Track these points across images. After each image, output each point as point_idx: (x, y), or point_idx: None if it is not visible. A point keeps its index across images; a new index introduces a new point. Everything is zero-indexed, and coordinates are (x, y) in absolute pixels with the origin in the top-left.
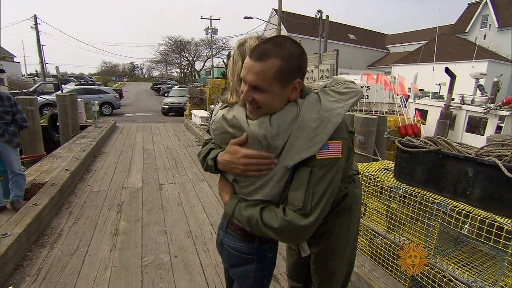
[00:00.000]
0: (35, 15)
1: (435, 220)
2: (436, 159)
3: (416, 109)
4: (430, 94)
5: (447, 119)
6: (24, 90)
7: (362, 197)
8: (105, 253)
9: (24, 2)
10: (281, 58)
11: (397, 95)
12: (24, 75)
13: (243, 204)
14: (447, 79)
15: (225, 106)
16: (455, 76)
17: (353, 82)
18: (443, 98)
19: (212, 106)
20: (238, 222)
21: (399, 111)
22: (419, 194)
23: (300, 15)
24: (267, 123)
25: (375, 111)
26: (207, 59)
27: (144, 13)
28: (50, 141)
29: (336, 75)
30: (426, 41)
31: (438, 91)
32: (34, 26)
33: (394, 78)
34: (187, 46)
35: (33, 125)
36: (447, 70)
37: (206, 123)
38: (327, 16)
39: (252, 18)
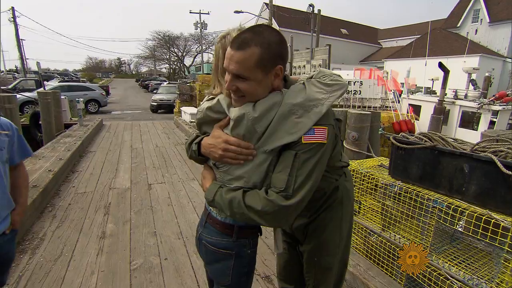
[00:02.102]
0: (12, 7)
1: (431, 218)
2: (431, 155)
3: (409, 104)
4: (423, 89)
5: (441, 115)
6: (2, 87)
7: (357, 194)
8: (91, 257)
9: None
10: (261, 46)
11: (390, 90)
12: (2, 71)
13: (225, 189)
14: (440, 74)
15: (211, 98)
16: (449, 71)
17: (339, 76)
18: (436, 93)
19: (202, 103)
20: (217, 211)
21: (392, 107)
22: (415, 191)
23: (292, 9)
24: (250, 106)
25: (368, 107)
26: (197, 54)
27: (131, 6)
28: (32, 141)
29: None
30: (418, 36)
31: (431, 86)
32: (12, 19)
33: (387, 73)
34: (176, 41)
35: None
36: (441, 65)
37: (196, 120)
38: (319, 10)
39: (242, 12)
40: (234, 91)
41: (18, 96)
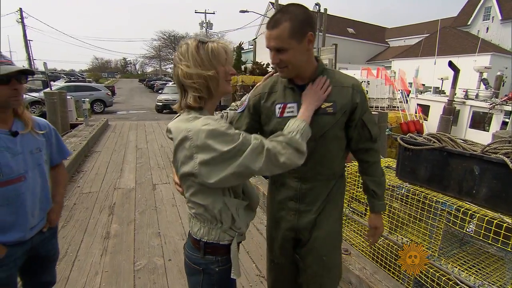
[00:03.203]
0: (20, 9)
1: (439, 221)
2: (440, 156)
3: (418, 104)
4: (432, 89)
5: (450, 115)
6: None
7: (363, 196)
8: (95, 257)
9: None
10: (290, 20)
11: (398, 90)
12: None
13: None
14: (449, 73)
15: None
16: (459, 70)
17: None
18: (445, 93)
19: None
20: (192, 224)
21: (400, 107)
22: (423, 194)
23: None
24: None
25: (375, 107)
26: None
27: (137, 6)
28: None
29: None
30: (427, 35)
31: (440, 86)
32: (20, 20)
33: (394, 72)
34: (181, 41)
35: None
36: (451, 64)
37: None
38: (325, 10)
39: (248, 11)
40: (277, 64)
41: (25, 96)
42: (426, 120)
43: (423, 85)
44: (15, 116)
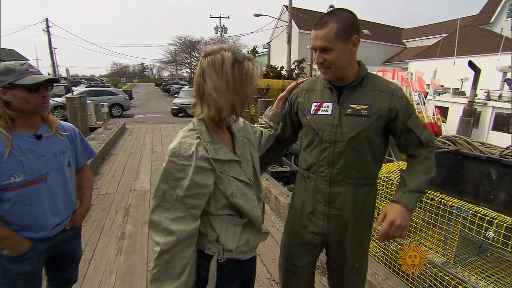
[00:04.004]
0: (46, 18)
1: (454, 226)
2: (454, 160)
3: (436, 106)
4: (451, 90)
5: (471, 117)
6: None
7: (376, 200)
8: (110, 257)
9: (37, 5)
10: (337, 22)
11: (415, 91)
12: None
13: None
14: (470, 74)
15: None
16: (480, 70)
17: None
18: (465, 94)
19: None
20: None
21: (417, 109)
22: (437, 198)
23: (312, 11)
24: None
25: None
26: None
27: (153, 13)
28: None
29: None
30: (446, 34)
31: (460, 87)
32: (46, 29)
33: (411, 74)
34: (196, 45)
35: None
36: (471, 64)
37: None
38: None
39: (262, 15)
40: (321, 63)
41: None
42: (445, 123)
43: (442, 86)
44: (42, 120)
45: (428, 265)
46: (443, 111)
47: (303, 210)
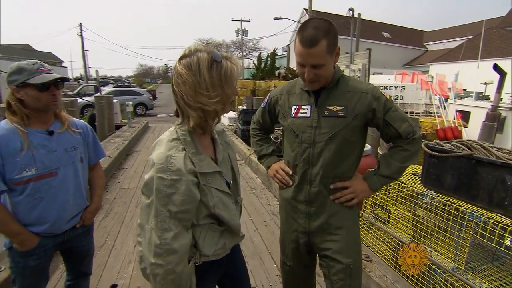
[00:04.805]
0: (80, 24)
1: (466, 232)
2: (468, 164)
3: (457, 110)
4: (474, 94)
5: (494, 121)
6: (69, 93)
7: (386, 203)
8: (129, 247)
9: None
10: (325, 37)
11: (436, 95)
12: (70, 79)
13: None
14: (495, 77)
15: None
16: (506, 73)
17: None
18: (489, 98)
19: (240, 107)
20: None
21: (437, 113)
22: (448, 203)
23: (332, 14)
24: None
25: (410, 113)
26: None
27: (178, 15)
28: None
29: (368, 75)
30: (470, 37)
31: (484, 91)
32: (80, 34)
33: (432, 77)
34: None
35: None
36: (496, 67)
37: (234, 124)
38: (359, 14)
39: (282, 18)
40: (311, 78)
41: (79, 100)
42: (466, 127)
43: (464, 90)
44: (55, 117)
45: (438, 270)
46: (465, 116)
47: (289, 209)
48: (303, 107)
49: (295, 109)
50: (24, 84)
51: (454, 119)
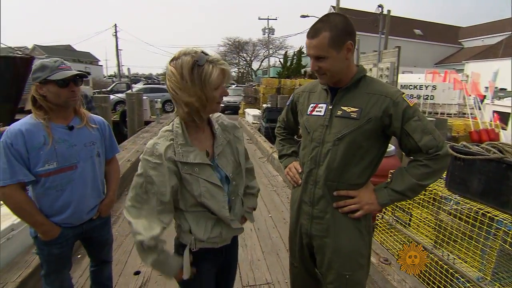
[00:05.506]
0: (115, 24)
1: (493, 241)
2: (498, 169)
3: (494, 111)
4: None
5: None
6: (103, 90)
7: (407, 205)
8: None
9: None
10: (329, 29)
11: (469, 95)
12: (105, 77)
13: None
14: None
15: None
16: None
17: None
18: None
19: (264, 105)
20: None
21: (471, 114)
22: (474, 208)
23: (360, 11)
24: None
25: (440, 113)
26: (264, 58)
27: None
28: (120, 134)
29: (397, 73)
30: (510, 33)
31: None
32: (114, 34)
33: (467, 76)
34: (245, 46)
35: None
36: None
37: (258, 122)
38: (389, 11)
39: (309, 16)
40: (317, 71)
41: (111, 96)
42: (505, 129)
43: (504, 89)
44: (74, 113)
45: (462, 279)
46: (503, 117)
47: (296, 208)
48: (319, 105)
49: (312, 107)
50: (46, 80)
51: (491, 121)
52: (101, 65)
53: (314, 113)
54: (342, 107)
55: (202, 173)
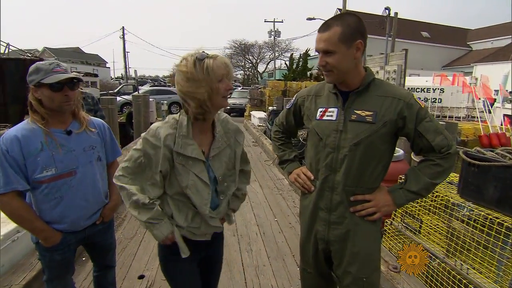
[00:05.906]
0: (123, 27)
1: (511, 251)
2: None
3: (505, 115)
4: None
5: None
6: (110, 91)
7: (418, 212)
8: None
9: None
10: (341, 25)
11: (479, 98)
12: (112, 78)
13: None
14: None
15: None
16: None
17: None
18: None
19: (270, 108)
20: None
21: (481, 117)
22: (490, 216)
23: (367, 13)
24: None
25: (449, 117)
26: (270, 61)
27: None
28: (127, 136)
29: (404, 76)
30: None
31: None
32: (122, 37)
33: (476, 79)
34: (251, 49)
35: (111, 122)
36: None
37: (264, 124)
38: (396, 14)
39: (315, 19)
40: (323, 66)
41: (118, 98)
42: None
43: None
44: (73, 117)
45: None
46: None
47: (309, 215)
48: (329, 109)
49: (321, 111)
50: (39, 83)
51: (501, 125)
52: (109, 67)
53: (324, 117)
54: (356, 111)
55: (194, 168)
